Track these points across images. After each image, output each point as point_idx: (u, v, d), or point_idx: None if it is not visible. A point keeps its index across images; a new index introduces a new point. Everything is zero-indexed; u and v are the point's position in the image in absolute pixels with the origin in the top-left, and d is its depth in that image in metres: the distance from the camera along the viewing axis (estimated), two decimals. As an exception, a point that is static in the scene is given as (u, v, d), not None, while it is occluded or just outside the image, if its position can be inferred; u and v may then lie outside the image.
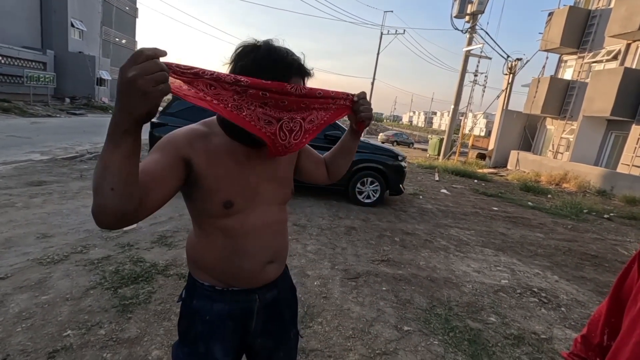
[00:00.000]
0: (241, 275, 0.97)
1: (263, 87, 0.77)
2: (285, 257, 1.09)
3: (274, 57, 0.83)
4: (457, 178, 11.33)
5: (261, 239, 0.97)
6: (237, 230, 0.93)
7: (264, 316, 1.04)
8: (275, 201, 1.00)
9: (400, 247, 4.20)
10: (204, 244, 0.96)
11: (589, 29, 14.69)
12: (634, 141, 11.90)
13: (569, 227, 6.39)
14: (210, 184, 0.87)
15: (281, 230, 1.04)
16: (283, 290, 1.10)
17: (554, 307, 3.13)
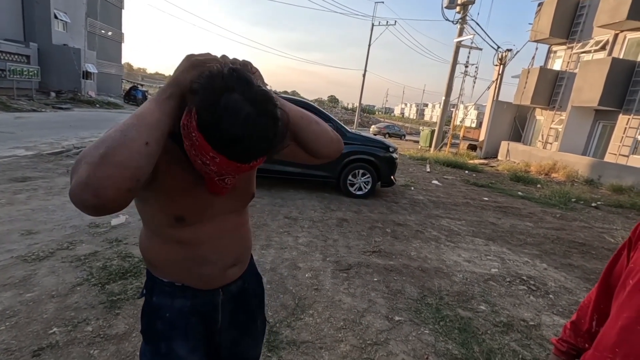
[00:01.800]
0: (201, 280, 0.93)
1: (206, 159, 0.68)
2: (248, 257, 1.06)
3: (236, 135, 0.64)
4: (448, 169, 11.40)
5: (219, 247, 0.92)
6: (191, 240, 0.87)
7: (230, 308, 1.02)
8: (233, 210, 0.94)
9: (392, 238, 4.22)
10: (158, 249, 0.90)
11: (578, 19, 14.78)
12: (620, 131, 12.08)
13: (557, 216, 6.49)
14: (164, 193, 0.80)
15: (241, 234, 0.99)
16: (248, 280, 1.08)
17: (542, 294, 3.18)
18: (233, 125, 0.63)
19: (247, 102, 0.64)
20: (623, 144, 11.93)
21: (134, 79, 45.58)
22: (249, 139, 0.65)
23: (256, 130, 0.65)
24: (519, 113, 17.05)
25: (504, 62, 16.24)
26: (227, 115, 0.62)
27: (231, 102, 0.63)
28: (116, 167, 0.59)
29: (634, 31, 12.31)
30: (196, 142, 0.66)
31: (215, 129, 0.63)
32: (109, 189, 0.59)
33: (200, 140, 0.65)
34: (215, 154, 0.66)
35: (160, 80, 70.16)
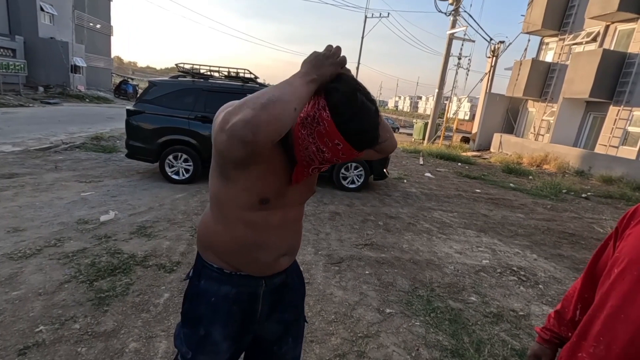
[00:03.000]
0: (255, 264, 0.98)
1: (325, 147, 0.81)
2: (297, 249, 1.12)
3: (364, 127, 0.80)
4: (441, 162, 11.44)
5: (280, 235, 0.99)
6: (260, 225, 0.94)
7: (271, 300, 1.05)
8: (299, 202, 1.03)
9: (384, 230, 4.23)
10: (222, 230, 0.96)
11: (570, 11, 14.80)
12: (611, 122, 12.20)
13: (548, 207, 6.55)
14: (259, 174, 0.88)
15: (298, 225, 1.07)
16: (291, 276, 1.11)
17: (532, 284, 3.21)
18: (364, 120, 0.79)
19: (369, 102, 0.82)
20: (613, 135, 12.05)
21: (124, 73, 44.87)
22: (373, 131, 0.82)
23: (375, 124, 0.82)
24: (512, 105, 17.12)
25: (497, 54, 16.24)
26: (361, 112, 0.79)
27: (363, 101, 0.80)
28: (273, 117, 0.71)
29: (624, 22, 12.38)
30: (323, 130, 0.78)
31: (351, 121, 0.77)
32: (263, 133, 0.71)
33: (331, 128, 0.77)
34: (340, 141, 0.78)
35: (151, 74, 69.02)
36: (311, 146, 0.82)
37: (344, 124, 0.77)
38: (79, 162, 6.05)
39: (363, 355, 2.03)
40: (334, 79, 0.81)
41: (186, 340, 0.99)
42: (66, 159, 6.15)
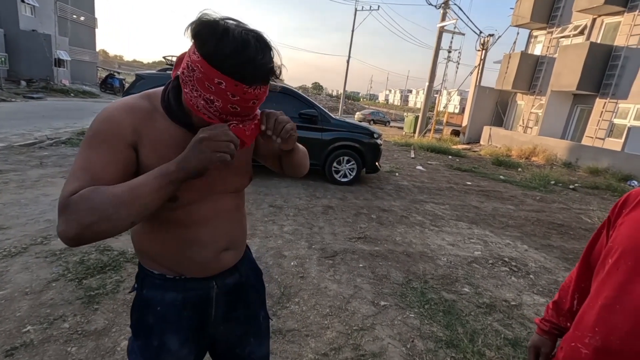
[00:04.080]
0: (193, 265, 0.90)
1: (210, 93, 0.69)
2: (243, 242, 1.03)
3: (244, 57, 0.66)
4: (432, 155, 11.50)
5: (213, 229, 0.89)
6: (184, 222, 0.85)
7: (225, 302, 0.98)
8: (229, 189, 0.92)
9: (377, 224, 4.23)
10: (150, 234, 0.87)
11: (558, 4, 14.93)
12: (597, 114, 12.41)
13: (537, 198, 6.65)
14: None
15: (236, 217, 0.96)
16: (245, 274, 1.04)
17: (523, 274, 3.26)
18: (234, 39, 0.65)
19: (241, 26, 0.69)
20: (599, 127, 12.27)
21: (110, 67, 43.90)
22: (257, 53, 0.67)
23: (254, 43, 0.67)
24: (501, 98, 17.28)
25: (486, 48, 16.33)
26: (227, 34, 0.65)
27: (229, 25, 0.67)
28: (98, 234, 0.66)
29: (611, 15, 12.54)
30: (199, 75, 0.67)
31: (217, 46, 0.65)
32: (87, 241, 0.67)
33: (204, 66, 0.66)
34: (220, 78, 0.66)
35: (138, 67, 67.67)
36: (199, 101, 0.70)
37: (213, 54, 0.65)
38: (65, 157, 5.90)
39: (358, 348, 2.03)
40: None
41: (142, 354, 0.90)
42: (52, 154, 5.99)
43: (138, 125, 0.75)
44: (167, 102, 0.80)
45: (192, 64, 0.68)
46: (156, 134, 0.77)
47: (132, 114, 0.76)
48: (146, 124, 0.77)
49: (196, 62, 0.67)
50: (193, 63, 0.68)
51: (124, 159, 0.73)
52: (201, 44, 0.66)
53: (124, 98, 0.80)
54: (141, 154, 0.76)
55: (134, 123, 0.75)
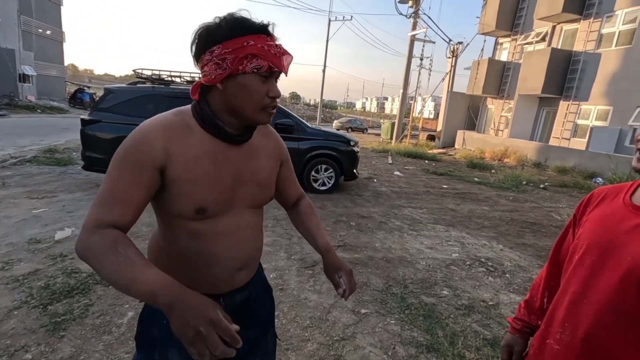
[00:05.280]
0: (206, 282, 0.89)
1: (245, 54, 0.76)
2: (256, 261, 1.02)
3: (245, 18, 0.78)
4: (409, 160, 11.72)
5: (232, 245, 0.89)
6: (206, 234, 0.85)
7: (232, 319, 0.94)
8: (251, 204, 0.93)
9: (357, 231, 4.24)
10: (168, 243, 0.88)
11: (520, 12, 15.70)
12: (562, 116, 13.03)
13: (510, 198, 6.87)
14: (184, 190, 0.80)
15: (255, 234, 0.96)
16: (255, 290, 1.03)
17: (499, 274, 3.33)
18: (230, 17, 0.77)
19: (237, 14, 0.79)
20: (564, 128, 12.88)
21: (80, 81, 42.57)
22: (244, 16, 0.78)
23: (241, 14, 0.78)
24: (472, 103, 17.88)
25: (456, 55, 16.91)
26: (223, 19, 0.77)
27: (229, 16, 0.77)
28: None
29: (569, 23, 13.28)
30: (231, 57, 0.75)
31: (228, 25, 0.75)
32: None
33: (230, 45, 0.75)
34: (245, 39, 0.75)
35: (109, 81, 65.97)
36: (246, 66, 0.76)
37: (229, 31, 0.75)
38: (30, 177, 5.62)
39: (340, 359, 2.00)
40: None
41: None
42: (15, 174, 5.70)
43: (171, 144, 0.78)
44: (200, 112, 0.83)
45: (219, 58, 0.75)
46: (188, 151, 0.80)
47: (167, 133, 0.79)
48: (179, 142, 0.80)
49: (222, 53, 0.75)
50: (219, 56, 0.75)
51: (147, 182, 0.77)
52: (217, 35, 0.75)
53: (158, 117, 0.82)
54: (171, 172, 0.78)
55: (167, 143, 0.78)
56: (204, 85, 0.82)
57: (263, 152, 0.95)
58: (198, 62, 0.79)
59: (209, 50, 0.76)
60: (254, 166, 0.91)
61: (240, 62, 0.75)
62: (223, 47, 0.75)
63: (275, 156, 1.00)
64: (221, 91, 0.79)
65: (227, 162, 0.85)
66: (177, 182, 0.79)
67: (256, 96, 0.79)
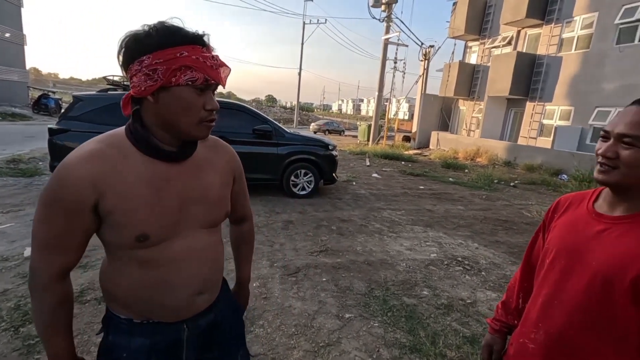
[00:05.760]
0: (163, 310, 0.85)
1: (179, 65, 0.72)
2: (217, 284, 0.97)
3: (177, 27, 0.74)
4: (386, 161, 11.92)
5: (186, 270, 0.84)
6: (155, 262, 0.80)
7: (197, 344, 0.93)
8: (204, 224, 0.87)
9: (338, 235, 4.28)
10: (117, 275, 0.83)
11: (487, 17, 16.35)
12: (528, 116, 13.67)
13: (483, 197, 7.13)
14: (119, 219, 0.75)
15: (212, 256, 0.91)
16: (221, 312, 0.99)
17: (475, 272, 3.46)
18: (161, 25, 0.73)
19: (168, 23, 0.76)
20: (531, 127, 13.51)
21: (44, 86, 40.57)
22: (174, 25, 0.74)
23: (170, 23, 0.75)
24: (445, 104, 18.43)
25: (428, 58, 17.39)
26: (154, 27, 0.73)
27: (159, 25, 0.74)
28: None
29: (532, 28, 13.96)
30: (163, 68, 0.70)
31: (159, 34, 0.72)
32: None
33: (161, 55, 0.70)
34: (178, 50, 0.71)
35: (76, 86, 63.20)
36: (179, 78, 0.72)
37: (161, 40, 0.71)
38: (-8, 190, 5.32)
39: (326, 365, 2.03)
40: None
41: None
42: (-24, 187, 5.38)
43: (99, 177, 0.73)
44: (135, 134, 0.78)
45: (149, 69, 0.71)
46: (122, 179, 0.75)
47: (92, 166, 0.73)
48: (109, 173, 0.74)
49: (152, 63, 0.71)
50: (149, 67, 0.71)
51: (83, 225, 0.75)
52: (147, 44, 0.71)
53: (85, 146, 0.76)
54: (106, 206, 0.74)
55: (94, 178, 0.72)
56: (135, 98, 0.76)
57: (212, 166, 0.90)
58: (127, 72, 0.74)
59: (137, 60, 0.71)
60: (202, 183, 0.86)
61: (172, 74, 0.71)
62: (153, 58, 0.70)
63: (227, 171, 0.95)
64: (153, 104, 0.74)
65: (170, 183, 0.80)
66: (113, 213, 0.74)
67: (192, 109, 0.75)
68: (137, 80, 0.72)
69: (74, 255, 0.78)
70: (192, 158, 0.85)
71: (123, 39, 0.73)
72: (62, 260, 0.76)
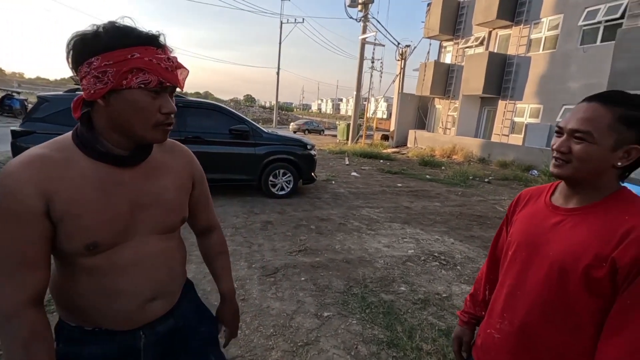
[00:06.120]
0: (113, 317, 0.82)
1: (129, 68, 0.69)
2: (175, 290, 0.94)
3: (129, 28, 0.71)
4: (365, 160, 12.04)
5: (138, 275, 0.82)
6: (103, 269, 0.77)
7: (156, 353, 0.90)
8: (157, 230, 0.85)
9: (317, 234, 4.29)
10: (65, 282, 0.80)
11: (460, 18, 16.79)
12: (501, 114, 14.14)
13: (459, 193, 7.32)
14: (69, 228, 0.72)
15: (167, 261, 0.88)
16: (182, 317, 0.96)
17: (451, 267, 3.55)
18: (111, 25, 0.70)
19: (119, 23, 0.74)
20: (504, 125, 13.98)
21: (7, 86, 38.59)
22: (124, 24, 0.72)
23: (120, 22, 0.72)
24: (422, 103, 18.80)
25: (405, 57, 17.68)
26: (102, 28, 0.70)
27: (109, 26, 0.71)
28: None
29: (503, 28, 14.44)
30: (112, 70, 0.68)
31: (108, 34, 0.69)
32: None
33: (111, 57, 0.68)
34: (128, 51, 0.69)
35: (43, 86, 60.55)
36: (131, 81, 0.69)
37: (110, 41, 0.69)
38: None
39: (305, 364, 2.03)
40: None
41: None
42: None
43: (45, 184, 0.69)
44: (81, 138, 0.75)
45: (98, 71, 0.68)
46: (69, 185, 0.72)
47: (36, 173, 0.69)
48: (55, 178, 0.70)
49: (101, 65, 0.68)
50: (98, 69, 0.68)
51: (41, 232, 0.70)
52: (94, 45, 0.68)
53: (28, 151, 0.72)
54: (55, 213, 0.70)
55: (40, 185, 0.68)
56: (87, 101, 0.74)
57: (167, 170, 0.88)
58: (77, 74, 0.72)
59: (86, 62, 0.69)
60: (155, 187, 0.83)
61: (123, 76, 0.68)
62: (102, 59, 0.68)
63: (185, 175, 0.93)
64: (104, 107, 0.72)
65: (119, 187, 0.77)
66: (62, 220, 0.71)
67: (145, 113, 0.72)
68: (86, 82, 0.70)
69: (43, 272, 0.72)
70: (147, 162, 0.82)
71: (70, 40, 0.70)
72: (30, 280, 0.70)
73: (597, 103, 0.82)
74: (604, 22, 10.68)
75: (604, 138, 0.80)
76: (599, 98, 0.83)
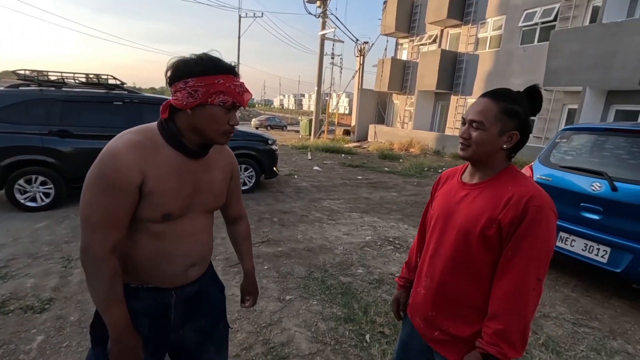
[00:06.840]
0: (162, 276, 1.02)
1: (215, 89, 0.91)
2: (207, 259, 1.16)
3: (217, 59, 0.93)
4: (327, 154, 12.29)
5: (188, 244, 1.04)
6: (167, 235, 0.99)
7: (184, 310, 1.08)
8: (205, 210, 1.09)
9: (279, 226, 4.43)
10: (129, 244, 0.97)
11: (415, 17, 17.48)
12: (453, 109, 14.98)
13: (415, 184, 7.76)
14: (154, 200, 0.93)
15: (207, 236, 1.12)
16: (206, 285, 1.16)
17: (404, 249, 3.85)
18: (206, 57, 0.92)
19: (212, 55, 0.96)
20: (456, 119, 14.83)
21: None
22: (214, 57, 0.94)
23: (212, 54, 0.95)
24: (380, 98, 19.38)
25: (363, 54, 18.11)
26: (200, 57, 0.91)
27: (205, 56, 0.93)
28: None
29: (453, 27, 15.26)
30: (203, 90, 0.89)
31: (204, 63, 0.90)
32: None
33: (204, 81, 0.89)
34: (216, 78, 0.90)
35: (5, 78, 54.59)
36: (215, 100, 0.91)
37: (205, 68, 0.90)
38: None
39: (268, 342, 2.18)
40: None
41: (96, 359, 0.99)
42: None
43: (143, 163, 0.90)
44: (167, 130, 0.96)
45: (192, 89, 0.89)
46: (158, 166, 0.93)
47: (137, 153, 0.90)
48: (149, 160, 0.92)
49: (195, 85, 0.89)
50: (192, 87, 0.89)
51: (132, 202, 0.91)
52: (194, 69, 0.89)
53: (125, 136, 0.93)
54: (146, 187, 0.91)
55: (139, 163, 0.90)
56: (173, 106, 0.94)
57: (217, 165, 1.10)
58: (171, 86, 0.93)
59: (183, 80, 0.89)
60: (209, 177, 1.06)
61: (209, 96, 0.90)
62: (197, 81, 0.88)
63: (227, 170, 1.16)
64: (189, 115, 0.93)
65: (189, 174, 1.00)
66: (150, 194, 0.92)
67: (220, 123, 0.95)
68: (180, 95, 0.91)
69: (124, 230, 0.93)
70: (205, 157, 1.05)
71: (174, 62, 0.92)
72: (115, 235, 0.90)
73: (487, 98, 1.04)
74: (540, 24, 11.67)
75: (492, 126, 1.02)
76: (490, 94, 1.05)
